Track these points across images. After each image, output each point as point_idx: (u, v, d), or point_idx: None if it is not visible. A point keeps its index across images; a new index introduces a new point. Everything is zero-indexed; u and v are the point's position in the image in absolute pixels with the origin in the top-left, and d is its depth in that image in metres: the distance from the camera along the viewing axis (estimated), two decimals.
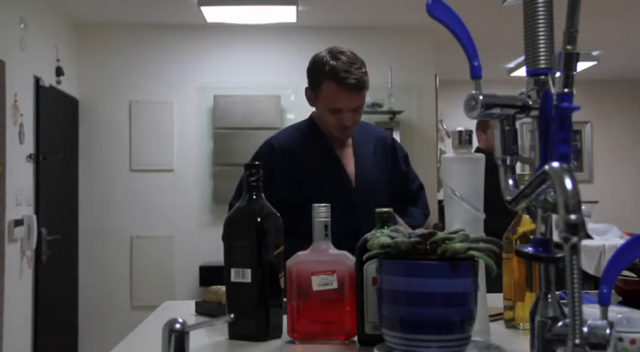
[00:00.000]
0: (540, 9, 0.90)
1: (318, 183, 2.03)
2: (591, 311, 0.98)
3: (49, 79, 4.52)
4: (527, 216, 1.34)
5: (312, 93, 2.05)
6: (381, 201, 1.94)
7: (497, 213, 1.41)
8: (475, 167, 1.21)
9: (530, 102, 0.92)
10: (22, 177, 4.11)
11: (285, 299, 1.26)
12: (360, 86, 1.97)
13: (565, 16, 0.87)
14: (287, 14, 4.82)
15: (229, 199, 2.10)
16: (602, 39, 5.71)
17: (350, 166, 2.08)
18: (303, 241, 1.29)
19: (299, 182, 2.03)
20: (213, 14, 4.80)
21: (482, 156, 1.22)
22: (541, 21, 0.90)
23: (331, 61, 1.97)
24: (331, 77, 1.95)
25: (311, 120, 2.14)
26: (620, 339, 1.00)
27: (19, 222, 3.96)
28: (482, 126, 4.01)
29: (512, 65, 6.79)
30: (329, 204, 1.24)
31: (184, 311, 1.55)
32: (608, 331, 0.79)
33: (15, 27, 4.04)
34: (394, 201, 2.07)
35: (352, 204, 1.99)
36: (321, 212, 1.23)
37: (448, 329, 0.99)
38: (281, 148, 2.08)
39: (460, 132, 1.21)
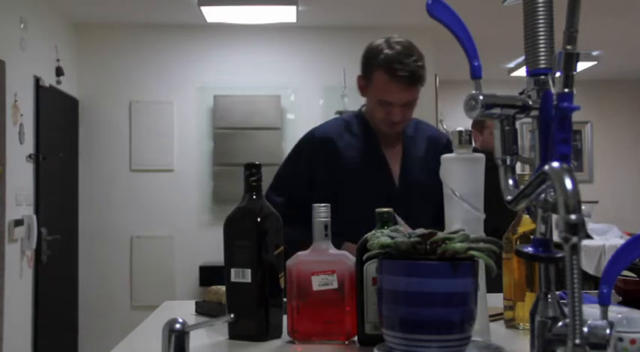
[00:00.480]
0: (540, 9, 0.90)
1: (359, 180, 1.93)
2: (591, 311, 0.98)
3: (49, 79, 4.52)
4: (527, 216, 1.34)
5: (364, 82, 1.93)
6: (425, 205, 1.83)
7: (497, 211, 1.41)
8: (475, 167, 1.21)
9: (530, 102, 0.92)
10: (22, 177, 4.11)
11: (285, 299, 1.26)
12: (414, 80, 1.83)
13: (565, 16, 0.87)
14: (287, 14, 4.82)
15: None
16: (602, 39, 5.71)
17: (396, 165, 1.96)
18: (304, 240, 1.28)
19: (338, 176, 1.93)
20: (213, 14, 4.80)
21: (482, 155, 1.22)
22: (541, 21, 0.90)
23: (385, 50, 1.84)
24: (383, 67, 1.83)
25: (360, 113, 2.03)
26: (620, 339, 1.00)
27: (19, 222, 3.96)
28: (477, 127, 3.98)
29: (512, 65, 6.79)
30: (329, 205, 1.24)
31: (184, 311, 1.55)
32: (608, 331, 0.79)
33: (15, 27, 4.04)
34: (440, 206, 1.96)
35: (393, 205, 1.89)
36: (321, 212, 1.23)
37: (448, 329, 0.99)
38: (322, 139, 1.98)
39: (460, 132, 1.20)
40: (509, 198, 0.91)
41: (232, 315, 1.09)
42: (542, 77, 0.91)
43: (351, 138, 1.98)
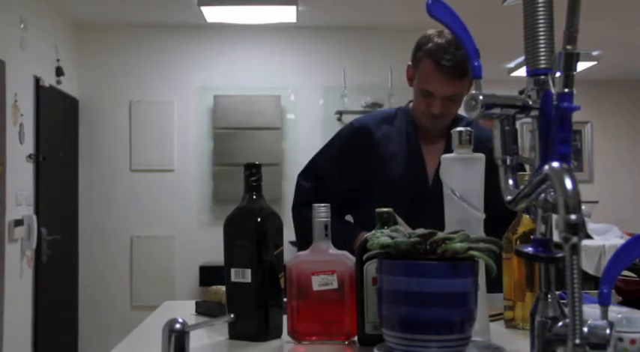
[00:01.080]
0: (540, 9, 0.90)
1: (391, 172, 1.89)
2: (591, 311, 0.98)
3: (49, 79, 4.52)
4: (527, 216, 1.34)
5: (412, 71, 1.88)
6: None
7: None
8: (475, 167, 1.21)
9: (530, 102, 0.92)
10: (22, 177, 4.11)
11: (285, 299, 1.26)
12: (459, 73, 1.77)
13: (565, 16, 0.87)
14: (287, 14, 4.82)
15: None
16: (602, 39, 5.71)
17: (432, 163, 1.88)
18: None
19: (371, 166, 1.91)
20: (213, 14, 4.81)
21: (482, 155, 1.22)
22: (541, 21, 0.90)
23: (436, 39, 1.79)
24: (429, 56, 1.78)
25: (405, 106, 1.99)
26: (620, 339, 1.00)
27: (19, 222, 3.96)
28: None
29: (512, 65, 6.79)
30: (328, 205, 1.24)
31: (184, 311, 1.55)
32: (608, 331, 0.79)
33: (15, 27, 4.04)
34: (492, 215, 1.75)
35: (423, 204, 1.80)
36: (321, 212, 1.23)
37: (448, 329, 0.98)
38: (360, 128, 1.96)
39: (460, 132, 1.20)
40: (509, 198, 0.91)
41: (232, 315, 1.09)
42: (542, 77, 0.91)
43: (390, 130, 1.94)
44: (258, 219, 1.26)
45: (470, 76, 1.81)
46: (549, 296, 0.89)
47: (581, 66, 6.20)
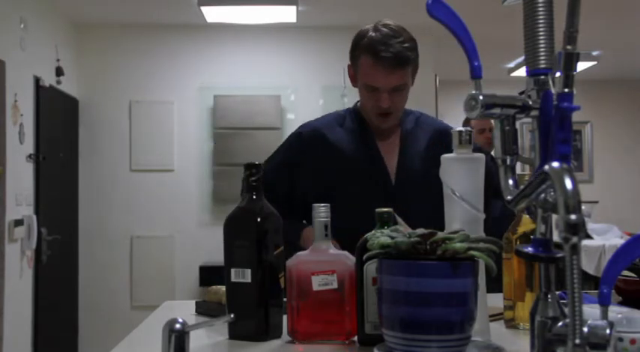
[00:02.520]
0: (540, 9, 0.90)
1: (352, 175, 1.84)
2: (591, 311, 0.98)
3: (49, 79, 4.52)
4: (527, 216, 1.34)
5: (353, 71, 1.86)
6: (427, 202, 1.55)
7: None
8: (475, 167, 1.21)
9: (530, 102, 0.92)
10: (22, 177, 4.11)
11: (285, 299, 1.26)
12: (399, 62, 1.73)
13: (565, 16, 0.87)
14: (287, 14, 4.83)
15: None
16: (601, 39, 5.71)
17: (392, 160, 1.85)
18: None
19: (329, 172, 1.85)
20: (213, 14, 4.81)
21: (482, 155, 1.22)
22: (541, 21, 0.90)
23: (370, 33, 1.78)
24: (367, 51, 1.76)
25: (354, 107, 1.96)
26: (620, 339, 1.00)
27: (19, 222, 3.96)
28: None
29: (512, 65, 6.79)
30: (328, 205, 1.24)
31: (184, 311, 1.55)
32: (608, 331, 0.79)
33: (15, 27, 4.04)
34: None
35: (389, 203, 1.76)
36: (321, 212, 1.23)
37: (448, 329, 0.99)
38: (312, 134, 1.91)
39: (460, 132, 1.20)
40: (509, 198, 0.91)
41: (232, 315, 1.09)
42: (542, 77, 0.91)
43: (343, 132, 1.89)
44: (258, 219, 1.26)
45: (413, 64, 1.79)
46: (549, 296, 0.89)
47: (581, 66, 6.20)
